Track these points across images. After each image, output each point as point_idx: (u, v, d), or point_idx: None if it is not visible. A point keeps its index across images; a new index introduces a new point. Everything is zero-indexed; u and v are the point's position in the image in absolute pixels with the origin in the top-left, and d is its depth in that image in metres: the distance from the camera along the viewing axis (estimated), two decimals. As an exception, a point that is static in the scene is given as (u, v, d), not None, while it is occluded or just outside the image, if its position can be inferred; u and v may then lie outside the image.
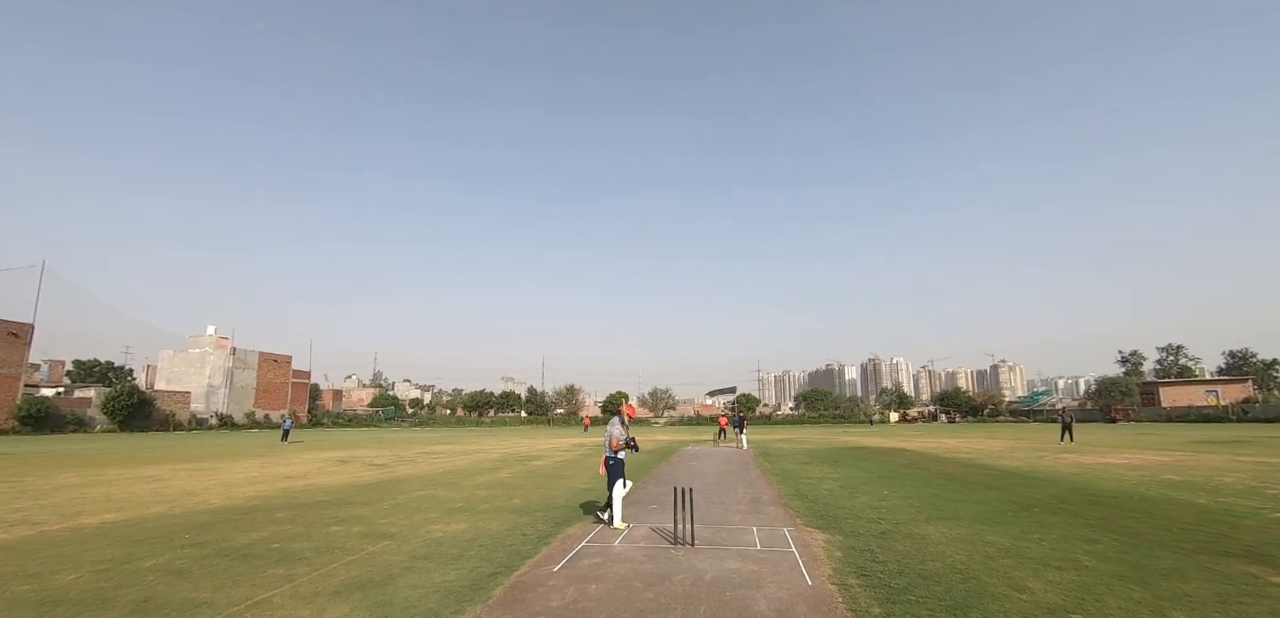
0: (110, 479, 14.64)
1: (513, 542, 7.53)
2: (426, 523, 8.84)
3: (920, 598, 5.12)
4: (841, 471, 16.13)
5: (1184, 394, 67.50)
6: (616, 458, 8.34)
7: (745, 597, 5.23)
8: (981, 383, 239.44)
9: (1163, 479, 12.90)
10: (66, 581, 5.90)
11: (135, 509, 10.21)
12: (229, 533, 8.17)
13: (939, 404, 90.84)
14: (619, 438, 8.40)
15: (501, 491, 12.55)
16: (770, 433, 46.20)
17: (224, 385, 64.45)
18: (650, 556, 6.74)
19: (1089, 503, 10.02)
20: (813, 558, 6.60)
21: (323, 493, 12.20)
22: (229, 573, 6.14)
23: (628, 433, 8.56)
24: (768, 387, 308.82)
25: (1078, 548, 6.86)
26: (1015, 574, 5.82)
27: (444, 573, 6.08)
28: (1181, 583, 5.48)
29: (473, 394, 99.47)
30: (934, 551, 6.84)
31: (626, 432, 8.53)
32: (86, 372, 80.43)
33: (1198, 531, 7.72)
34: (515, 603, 5.10)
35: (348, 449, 27.29)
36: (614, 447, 8.34)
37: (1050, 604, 4.94)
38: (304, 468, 17.84)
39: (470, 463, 19.37)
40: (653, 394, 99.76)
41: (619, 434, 8.43)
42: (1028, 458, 18.86)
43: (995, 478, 13.79)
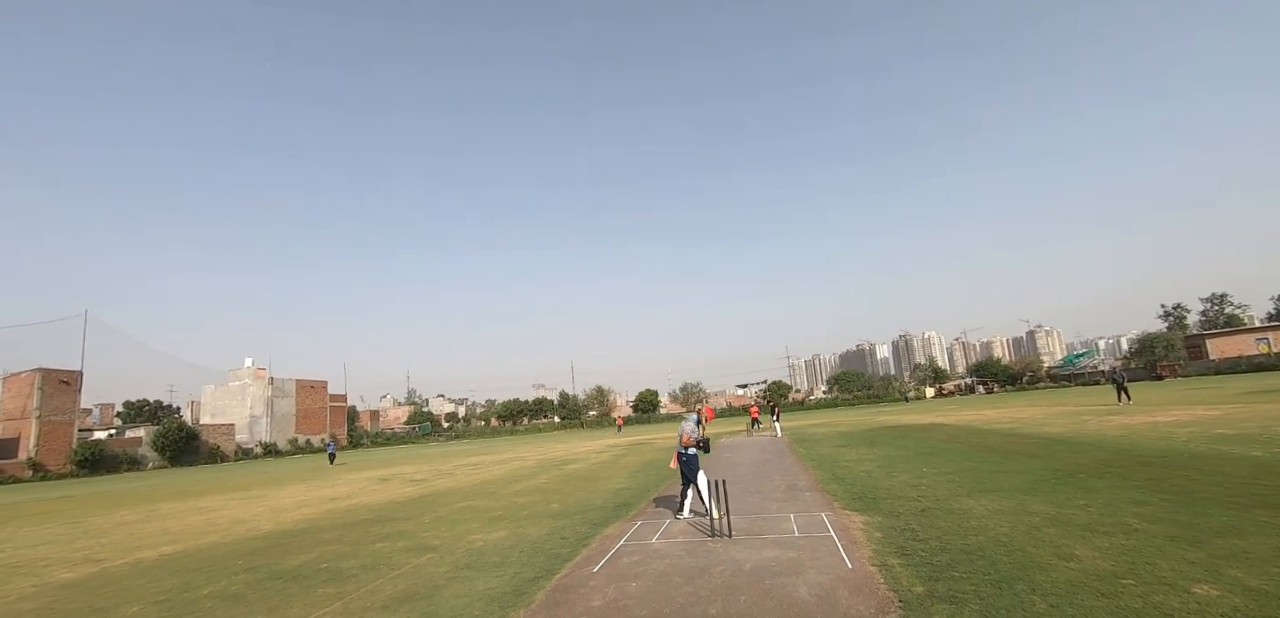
0: (165, 514, 15.17)
1: (552, 546, 7.64)
2: (468, 534, 9.00)
3: (964, 573, 5.06)
4: (878, 450, 15.94)
5: (1233, 345, 64.90)
6: (689, 455, 8.38)
7: (785, 584, 5.23)
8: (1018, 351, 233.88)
9: (1214, 434, 12.46)
10: (130, 612, 6.16)
11: (190, 540, 10.58)
12: (280, 557, 8.42)
13: (975, 376, 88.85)
14: (691, 435, 8.45)
15: (539, 496, 12.70)
16: (804, 419, 45.78)
17: (265, 415, 66.25)
18: (689, 550, 6.77)
19: (1137, 464, 9.74)
20: (852, 541, 6.56)
21: (366, 511, 12.49)
22: (282, 595, 6.35)
23: (702, 432, 8.60)
24: (799, 372, 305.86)
25: (1126, 512, 6.69)
26: (1062, 543, 5.71)
27: (486, 581, 6.19)
28: (1238, 540, 5.32)
29: (506, 404, 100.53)
30: (976, 524, 6.74)
31: (701, 431, 8.58)
32: (135, 411, 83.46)
33: (1254, 485, 7.47)
34: (557, 605, 5.19)
35: (388, 467, 27.84)
36: (685, 443, 8.41)
37: (1099, 570, 4.84)
38: (348, 489, 18.27)
39: (507, 472, 19.61)
40: (683, 390, 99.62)
41: (691, 432, 8.48)
42: (1070, 423, 18.38)
43: (1037, 446, 13.48)
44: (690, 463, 8.29)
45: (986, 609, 4.26)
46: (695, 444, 8.46)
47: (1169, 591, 4.29)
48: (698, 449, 8.48)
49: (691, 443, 8.43)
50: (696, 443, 8.48)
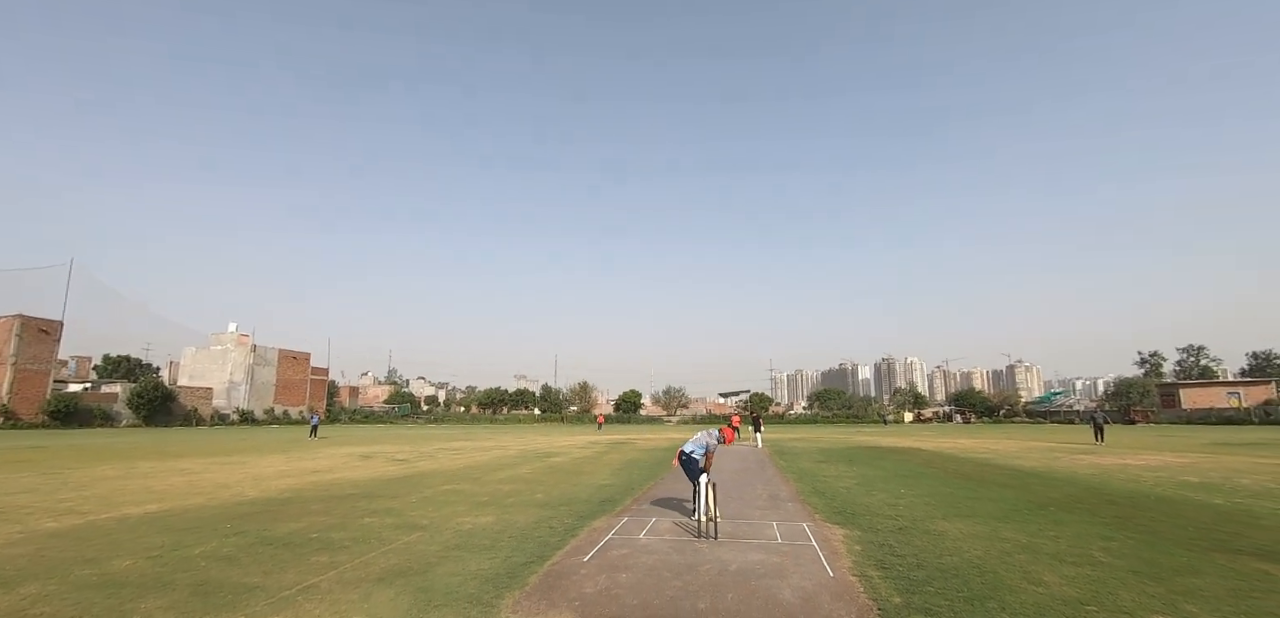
0: (145, 472, 15.13)
1: (541, 534, 7.82)
2: (455, 516, 9.15)
3: (939, 589, 5.33)
4: (857, 469, 16.28)
5: (1205, 396, 66.47)
6: (690, 457, 8.20)
7: (770, 586, 5.47)
8: (997, 384, 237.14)
9: (1180, 480, 12.92)
10: (123, 565, 6.24)
11: (175, 500, 10.62)
12: (268, 523, 8.52)
13: (954, 404, 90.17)
14: (714, 451, 8.25)
15: (524, 486, 12.86)
16: (784, 432, 46.28)
17: (245, 382, 65.62)
18: (676, 548, 6.99)
19: (1105, 502, 10.12)
20: (833, 551, 6.82)
21: (351, 487, 12.58)
22: (275, 560, 6.47)
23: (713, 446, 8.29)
24: (781, 386, 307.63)
25: (1093, 545, 7.01)
26: (1031, 569, 6.00)
27: (479, 562, 6.37)
28: (1195, 578, 5.63)
29: (487, 392, 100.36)
30: (951, 546, 7.02)
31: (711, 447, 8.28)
32: (112, 367, 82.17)
33: (1214, 529, 7.82)
34: (551, 589, 5.38)
35: (369, 445, 27.83)
36: (707, 465, 8.11)
37: (1065, 597, 5.12)
38: (329, 463, 18.30)
39: (490, 459, 19.74)
40: (666, 392, 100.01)
41: (714, 447, 8.27)
42: (1043, 459, 18.88)
43: (1011, 477, 13.88)
44: (691, 465, 8.16)
45: (960, 623, 4.52)
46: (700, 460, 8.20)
47: (1129, 620, 4.57)
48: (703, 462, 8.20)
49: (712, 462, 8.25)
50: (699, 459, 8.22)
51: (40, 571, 5.98)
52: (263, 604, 5.00)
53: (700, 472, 8.00)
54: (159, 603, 5.00)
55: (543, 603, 5.01)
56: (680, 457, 8.29)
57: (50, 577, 5.74)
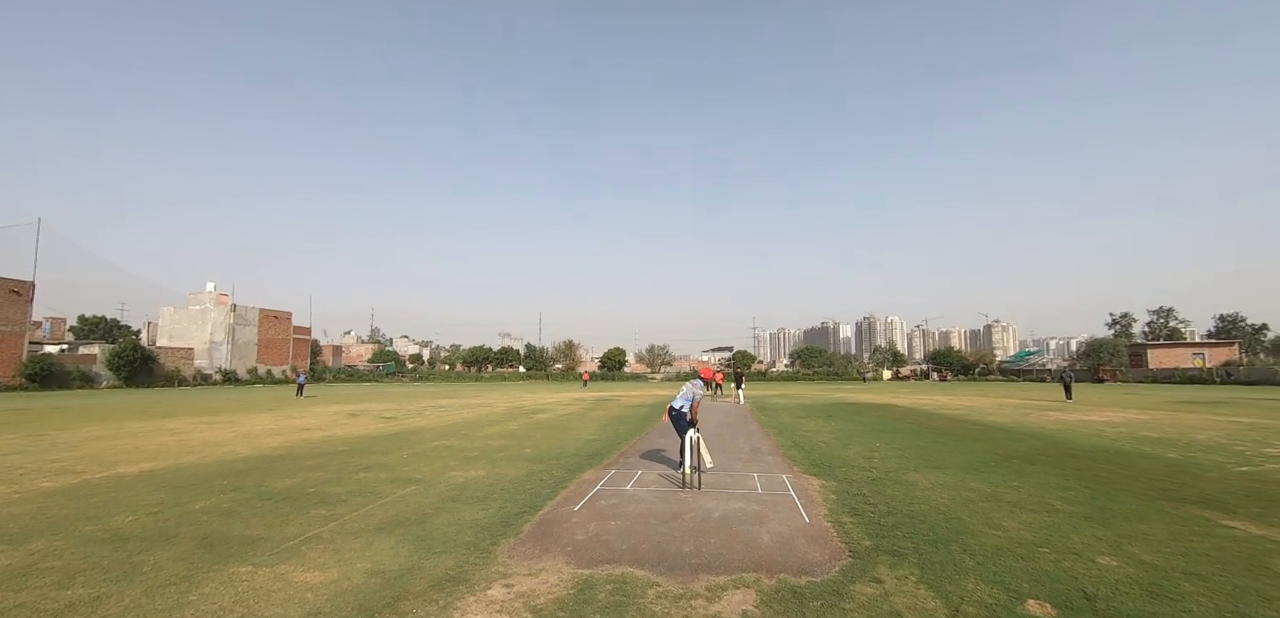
0: (134, 432, 15.20)
1: (532, 486, 8.14)
2: (447, 470, 9.44)
3: (906, 533, 5.74)
4: (835, 424, 16.84)
5: (1171, 357, 68.64)
6: (679, 412, 8.52)
7: (750, 531, 5.84)
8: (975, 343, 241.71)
9: (1139, 435, 13.59)
10: (126, 521, 6.43)
11: (168, 459, 10.76)
12: (264, 479, 8.73)
13: (931, 363, 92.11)
14: (699, 400, 8.56)
15: (512, 441, 13.18)
16: (766, 389, 47.13)
17: (226, 342, 64.97)
18: (661, 497, 7.36)
19: (1067, 456, 10.68)
20: (810, 500, 7.23)
21: (343, 444, 12.80)
22: (275, 513, 6.70)
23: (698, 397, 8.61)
24: (763, 344, 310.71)
25: (1052, 494, 7.49)
26: (992, 515, 6.45)
27: (473, 512, 6.67)
28: (1141, 524, 6.09)
29: (471, 350, 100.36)
30: (920, 495, 7.46)
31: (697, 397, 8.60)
32: (89, 328, 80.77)
33: (1164, 481, 8.35)
34: (544, 536, 5.71)
35: (356, 403, 27.97)
36: (694, 415, 8.42)
37: (1021, 540, 5.55)
38: (318, 421, 18.47)
39: (477, 416, 20.03)
40: (650, 350, 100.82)
41: (700, 396, 8.61)
42: (1014, 415, 19.62)
43: (981, 432, 14.49)
44: (681, 420, 8.46)
45: (923, 562, 4.91)
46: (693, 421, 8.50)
47: (1077, 559, 4.99)
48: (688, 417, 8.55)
49: (697, 410, 8.54)
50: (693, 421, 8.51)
51: (44, 527, 6.14)
52: (268, 553, 5.25)
53: (688, 426, 8.34)
54: (166, 555, 5.22)
55: (537, 549, 5.34)
56: (670, 412, 8.66)
57: (55, 533, 5.91)
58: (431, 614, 3.97)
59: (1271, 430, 14.29)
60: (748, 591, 4.34)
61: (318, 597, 4.26)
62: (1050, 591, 4.29)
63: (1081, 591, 4.28)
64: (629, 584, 4.47)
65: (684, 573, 4.71)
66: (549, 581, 4.55)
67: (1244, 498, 7.18)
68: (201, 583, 4.54)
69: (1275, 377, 51.82)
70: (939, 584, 4.42)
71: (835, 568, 4.78)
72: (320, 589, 4.40)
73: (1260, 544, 5.36)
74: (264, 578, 4.64)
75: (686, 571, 4.77)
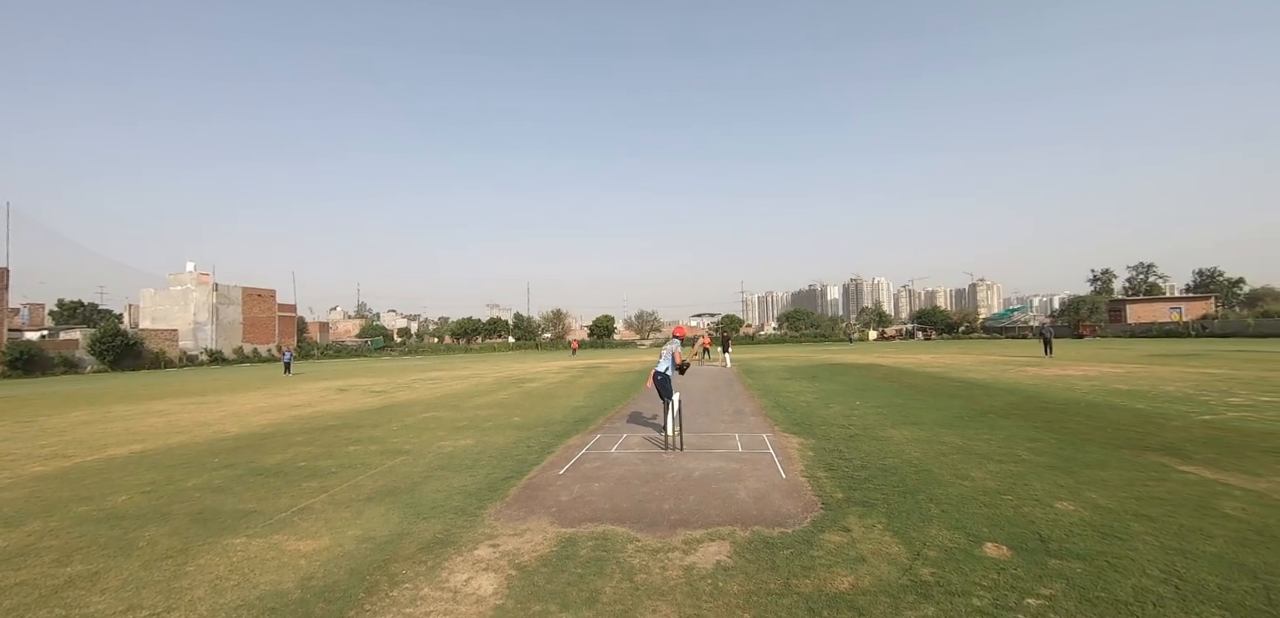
0: (122, 415, 15.22)
1: (519, 452, 8.35)
2: (436, 440, 9.61)
3: (877, 486, 6.00)
4: (819, 385, 17.18)
5: (1149, 311, 69.86)
6: (664, 376, 8.73)
7: (728, 488, 6.09)
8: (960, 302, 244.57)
9: (1111, 388, 14.00)
10: (120, 501, 6.55)
11: (157, 440, 10.84)
12: (255, 456, 8.87)
13: (916, 322, 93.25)
14: (681, 354, 8.93)
15: (501, 410, 13.37)
16: (753, 352, 47.60)
17: (210, 322, 64.37)
18: (644, 459, 7.60)
19: (1039, 409, 11.02)
20: (788, 458, 7.49)
21: (332, 419, 12.93)
22: (267, 487, 6.86)
23: (687, 353, 8.95)
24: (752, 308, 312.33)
25: (1020, 446, 7.79)
26: (962, 466, 6.73)
27: (462, 479, 6.86)
28: (1101, 471, 6.39)
29: (460, 322, 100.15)
30: (895, 449, 7.75)
31: (686, 352, 8.97)
32: (69, 313, 79.59)
33: (1129, 430, 8.68)
34: (530, 499, 5.92)
35: (344, 379, 27.99)
36: (677, 361, 8.87)
37: (986, 488, 5.82)
38: (307, 397, 18.55)
39: (466, 387, 20.19)
40: (639, 317, 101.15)
41: (681, 351, 8.96)
42: (992, 371, 20.07)
43: (959, 388, 14.87)
44: (665, 383, 8.68)
45: (891, 511, 5.17)
46: (679, 365, 8.92)
47: (1037, 505, 5.26)
48: (678, 371, 8.95)
49: (681, 361, 8.92)
50: (680, 365, 8.95)
51: (39, 510, 6.24)
52: (261, 526, 5.41)
53: (672, 390, 8.59)
54: (162, 530, 5.37)
55: (522, 511, 5.54)
56: (654, 378, 8.87)
57: (51, 515, 6.02)
58: (421, 575, 4.16)
59: (1238, 381, 14.76)
60: (723, 543, 4.57)
61: (311, 563, 4.43)
62: (1008, 534, 4.55)
63: (1037, 534, 4.55)
64: (610, 540, 4.69)
65: (663, 529, 4.94)
66: (533, 540, 4.76)
67: (1202, 445, 7.48)
68: (197, 555, 4.70)
69: (1248, 329, 53.06)
70: (904, 531, 4.67)
71: (807, 520, 5.03)
72: (313, 556, 4.58)
73: (1211, 487, 5.65)
74: (258, 548, 4.81)
75: (665, 526, 4.99)
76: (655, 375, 8.83)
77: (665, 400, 8.60)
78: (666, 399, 8.55)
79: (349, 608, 3.69)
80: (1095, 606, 3.41)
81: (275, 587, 4.04)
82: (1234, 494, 5.37)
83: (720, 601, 3.63)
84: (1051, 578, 3.77)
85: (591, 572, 4.11)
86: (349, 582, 4.08)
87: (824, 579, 3.87)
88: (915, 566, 4.02)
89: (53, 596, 4.04)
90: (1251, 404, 10.63)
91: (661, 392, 8.68)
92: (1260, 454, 6.86)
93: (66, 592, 4.09)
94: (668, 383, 8.64)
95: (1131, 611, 3.34)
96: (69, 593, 4.07)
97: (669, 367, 8.77)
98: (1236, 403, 11.03)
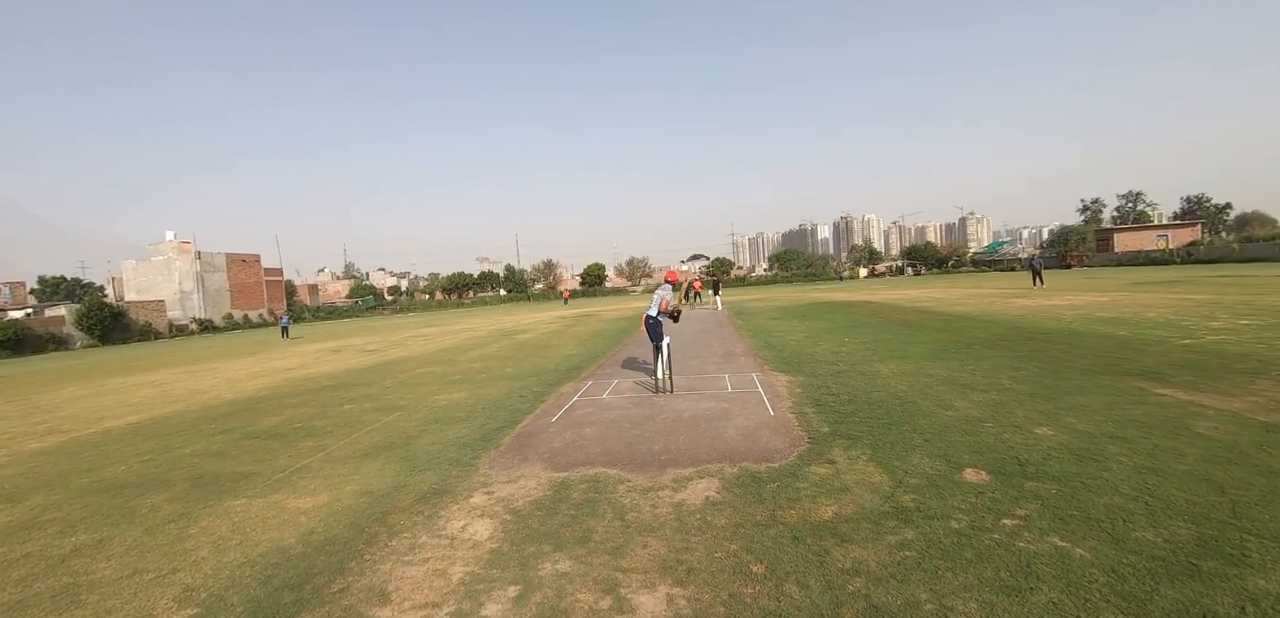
0: (116, 388, 15.22)
1: (512, 403, 8.46)
2: (430, 395, 9.71)
3: (863, 419, 6.15)
4: (808, 323, 17.35)
5: (1136, 240, 70.17)
6: (655, 319, 8.75)
7: (717, 427, 6.23)
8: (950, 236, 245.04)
9: (1095, 316, 14.19)
10: (119, 470, 6.61)
11: (153, 410, 10.88)
12: (250, 420, 8.94)
13: (906, 258, 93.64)
14: (670, 301, 8.89)
15: (494, 362, 13.47)
16: (744, 294, 47.77)
17: (196, 290, 63.73)
18: (636, 403, 7.73)
19: (1024, 339, 11.20)
20: (776, 395, 7.63)
21: (326, 380, 12.99)
22: (265, 450, 6.94)
23: (677, 302, 8.89)
24: (742, 249, 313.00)
25: (1003, 375, 7.95)
26: (945, 397, 6.88)
27: (456, 431, 6.97)
28: (1081, 397, 6.55)
29: (451, 277, 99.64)
30: (881, 383, 7.90)
31: (676, 300, 8.98)
32: (51, 290, 78.51)
33: (1110, 357, 8.84)
34: (523, 446, 6.04)
35: (337, 340, 28.01)
36: (663, 309, 8.84)
37: (969, 416, 5.98)
38: (300, 360, 18.58)
39: (459, 342, 20.25)
40: (629, 263, 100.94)
41: (670, 297, 8.94)
42: (980, 304, 20.27)
43: (946, 322, 15.06)
44: (656, 327, 8.72)
45: (876, 443, 5.31)
46: (670, 312, 8.93)
47: (1017, 431, 5.42)
48: (669, 318, 8.98)
49: (669, 309, 8.93)
50: (670, 312, 8.96)
51: (39, 484, 6.30)
52: (260, 486, 5.51)
53: (662, 334, 8.68)
54: (163, 497, 5.45)
55: (516, 458, 5.66)
56: (646, 321, 8.92)
57: (51, 489, 6.08)
58: (419, 523, 4.27)
59: (1220, 305, 14.96)
60: (711, 480, 4.70)
61: (311, 519, 4.54)
62: (987, 460, 4.70)
63: (1016, 458, 4.70)
64: (601, 482, 4.82)
65: (653, 469, 5.07)
66: (527, 485, 4.88)
67: (1180, 368, 7.63)
68: (199, 518, 4.79)
69: (1233, 254, 53.56)
70: (887, 461, 4.82)
71: (794, 454, 5.17)
72: (313, 512, 4.68)
73: (1186, 408, 5.79)
74: (258, 508, 4.91)
75: (656, 466, 5.12)
76: (646, 320, 8.90)
77: (655, 344, 8.69)
78: (657, 343, 8.65)
79: (350, 559, 3.80)
80: (1068, 523, 3.55)
81: (277, 543, 4.14)
82: (1208, 415, 5.52)
83: (708, 534, 3.76)
84: (1027, 499, 3.91)
85: (584, 513, 4.24)
86: (349, 534, 4.19)
87: (808, 510, 4.00)
88: (897, 493, 4.16)
89: (60, 565, 4.12)
90: (1231, 328, 10.82)
91: (652, 335, 8.76)
92: (1236, 375, 7.03)
93: (73, 560, 4.18)
94: (658, 327, 8.69)
95: (1103, 527, 3.48)
96: (75, 561, 4.16)
97: (657, 310, 8.82)
98: (1216, 326, 11.21)
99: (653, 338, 8.72)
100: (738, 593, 3.08)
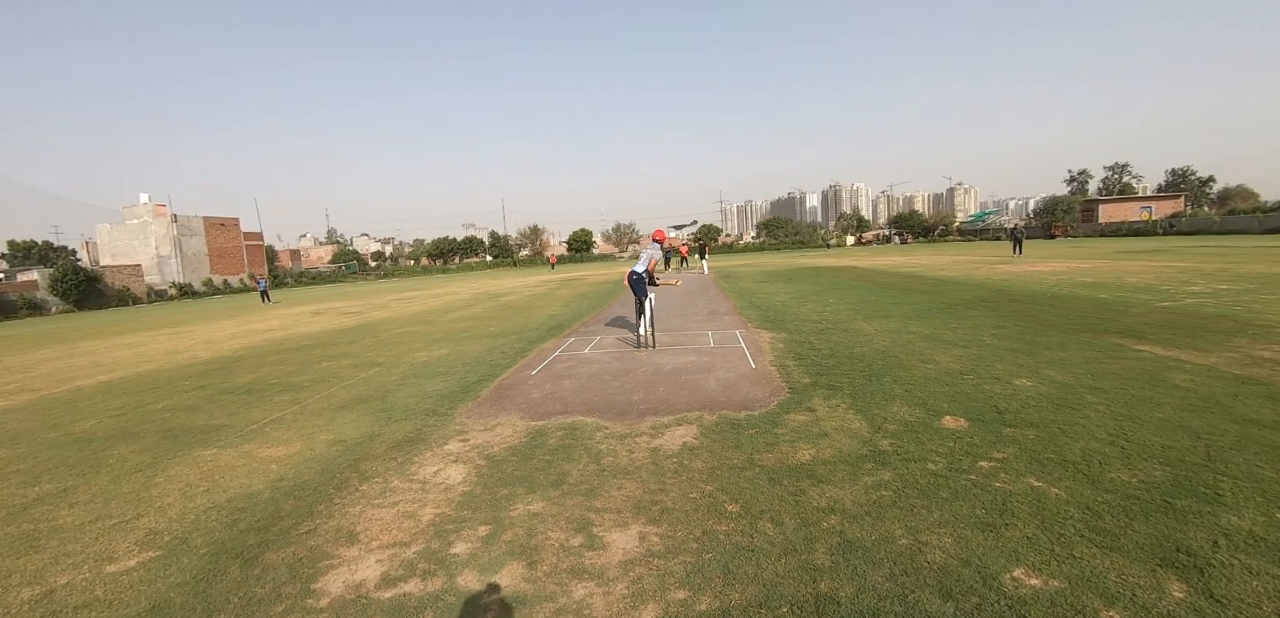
0: (91, 349, 14.91)
1: (493, 358, 8.37)
2: (410, 352, 9.58)
3: (845, 372, 6.13)
4: (794, 286, 17.35)
5: (1120, 211, 70.75)
6: (639, 277, 8.69)
7: (698, 379, 6.18)
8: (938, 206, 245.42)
9: (1077, 281, 14.30)
10: (88, 425, 6.44)
11: (127, 369, 10.64)
12: (226, 377, 8.76)
13: (893, 226, 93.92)
14: (658, 260, 8.87)
15: (477, 322, 13.33)
16: (731, 260, 47.64)
17: (174, 254, 62.51)
18: (617, 356, 7.68)
19: (1007, 300, 11.25)
20: (759, 350, 7.60)
21: (305, 340, 12.79)
22: (239, 404, 6.81)
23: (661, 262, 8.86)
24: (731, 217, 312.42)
25: (985, 333, 7.97)
26: (927, 352, 6.88)
27: (434, 385, 6.87)
28: (1061, 352, 6.57)
29: (436, 242, 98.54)
30: (864, 340, 7.89)
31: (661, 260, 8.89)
32: (22, 254, 76.61)
33: (1090, 317, 8.90)
34: (501, 398, 5.96)
35: (318, 303, 27.63)
36: (651, 268, 8.79)
37: (950, 370, 5.98)
38: (280, 322, 18.30)
39: (442, 304, 20.04)
40: (617, 229, 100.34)
41: (658, 257, 8.91)
42: (965, 270, 20.38)
43: (931, 285, 15.12)
44: (640, 284, 8.66)
45: (856, 392, 5.29)
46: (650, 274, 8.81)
47: (996, 382, 5.42)
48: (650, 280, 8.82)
49: (655, 267, 8.89)
50: (649, 274, 8.83)
51: (3, 440, 6.09)
52: (232, 437, 5.39)
53: (646, 291, 8.60)
54: (131, 449, 5.32)
55: (494, 409, 5.58)
56: (630, 277, 8.83)
57: (16, 443, 5.90)
58: (391, 469, 4.19)
59: (1199, 273, 15.12)
60: (690, 427, 4.66)
61: (282, 467, 4.44)
62: (966, 408, 4.69)
63: (995, 407, 4.69)
64: (578, 429, 4.76)
65: (631, 417, 5.02)
66: (503, 433, 4.81)
67: (1159, 327, 7.71)
68: (167, 468, 4.68)
69: (1213, 226, 54.22)
70: (867, 409, 4.80)
71: (774, 403, 5.14)
72: (284, 461, 4.58)
73: (1163, 363, 5.84)
74: (229, 457, 4.80)
75: (634, 415, 5.07)
76: (630, 276, 8.80)
77: (639, 301, 8.62)
78: (640, 300, 8.57)
79: (319, 503, 3.72)
80: (1045, 465, 3.55)
81: (245, 489, 4.05)
82: (1185, 368, 5.56)
83: (684, 476, 3.72)
84: (1005, 444, 3.90)
85: (559, 458, 4.18)
86: (319, 480, 4.10)
87: (786, 453, 3.97)
88: (875, 438, 4.14)
89: (21, 513, 4.01)
90: (1210, 292, 10.93)
91: (636, 291, 8.68)
92: (1213, 333, 7.10)
93: (35, 508, 4.06)
94: (642, 283, 8.62)
95: (1079, 469, 3.48)
96: (37, 509, 4.04)
97: (643, 269, 8.73)
98: (1196, 290, 11.33)
99: (636, 294, 8.64)
100: (711, 530, 3.04)
